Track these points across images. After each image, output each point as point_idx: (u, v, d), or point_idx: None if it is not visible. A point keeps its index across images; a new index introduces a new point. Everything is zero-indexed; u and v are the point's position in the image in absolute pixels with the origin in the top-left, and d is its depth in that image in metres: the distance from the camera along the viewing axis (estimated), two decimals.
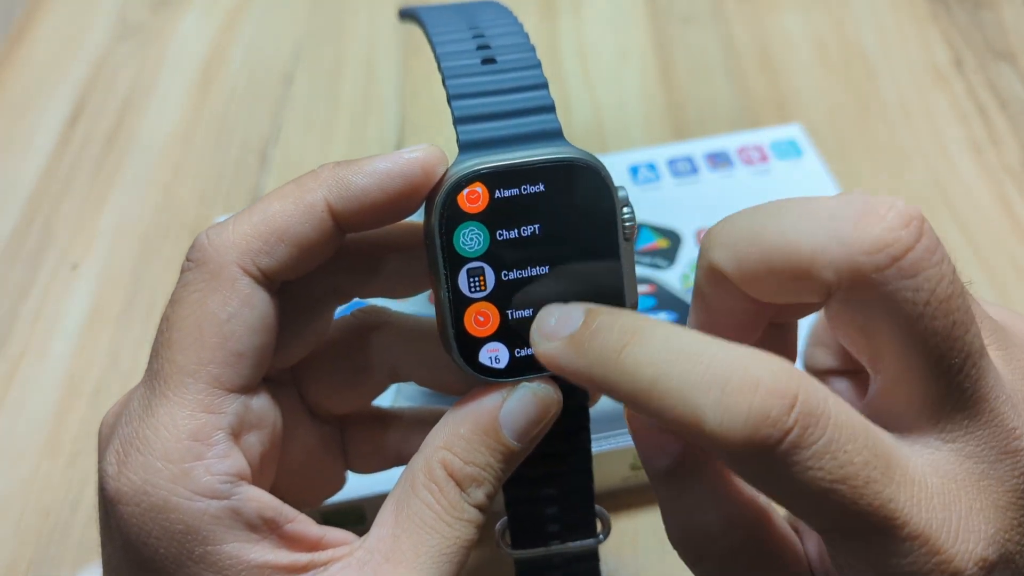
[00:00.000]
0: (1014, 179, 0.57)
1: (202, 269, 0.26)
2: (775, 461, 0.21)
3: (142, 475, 0.25)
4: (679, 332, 0.23)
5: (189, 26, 0.72)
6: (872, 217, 0.23)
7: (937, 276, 0.22)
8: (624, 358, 0.23)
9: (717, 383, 0.22)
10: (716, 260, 0.25)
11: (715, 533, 0.25)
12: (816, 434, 0.21)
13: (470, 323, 0.27)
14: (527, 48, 0.28)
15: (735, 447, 0.21)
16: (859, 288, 0.23)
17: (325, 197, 0.26)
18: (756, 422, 0.21)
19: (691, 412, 0.22)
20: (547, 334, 0.25)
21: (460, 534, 0.26)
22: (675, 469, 0.26)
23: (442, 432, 0.27)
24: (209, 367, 0.26)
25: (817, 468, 0.21)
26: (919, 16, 0.69)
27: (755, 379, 0.21)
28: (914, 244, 0.22)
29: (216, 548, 0.25)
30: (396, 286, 0.30)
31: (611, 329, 0.24)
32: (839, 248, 0.23)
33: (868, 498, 0.21)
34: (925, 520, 0.22)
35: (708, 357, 0.22)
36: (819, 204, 0.24)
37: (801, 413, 0.21)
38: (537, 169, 0.26)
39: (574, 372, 0.24)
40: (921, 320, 0.22)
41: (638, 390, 0.23)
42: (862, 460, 0.22)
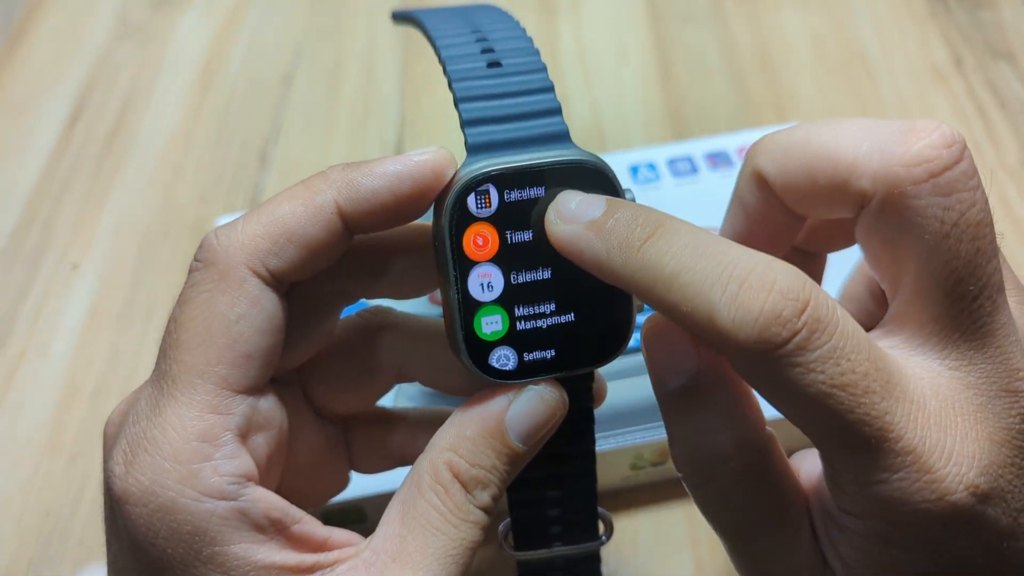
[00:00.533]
0: (1014, 179, 0.57)
1: (211, 270, 0.26)
2: (780, 361, 0.22)
3: (150, 476, 0.25)
4: (701, 232, 0.24)
5: (189, 26, 0.72)
6: (916, 133, 0.23)
7: (970, 200, 0.23)
8: (647, 248, 0.24)
9: (735, 280, 0.22)
10: (761, 166, 0.26)
11: (725, 454, 0.25)
12: (822, 339, 0.22)
13: (479, 325, 0.27)
14: (532, 51, 0.28)
15: (744, 344, 0.22)
16: (892, 200, 0.23)
17: (335, 199, 0.26)
18: (767, 320, 0.22)
19: (706, 306, 0.22)
20: (566, 216, 0.25)
21: (466, 536, 0.26)
22: (689, 388, 0.26)
23: (448, 434, 0.27)
24: (217, 368, 0.26)
25: (819, 371, 0.22)
26: (919, 16, 0.69)
27: (771, 280, 0.22)
28: (952, 164, 0.23)
29: (224, 549, 0.25)
30: (402, 287, 0.30)
31: (634, 220, 0.24)
32: (879, 159, 0.23)
33: (865, 407, 0.22)
34: (919, 437, 0.22)
35: (729, 256, 0.23)
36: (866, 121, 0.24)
37: (810, 317, 0.22)
38: (546, 171, 0.26)
39: (592, 258, 0.25)
40: (947, 240, 0.23)
41: (657, 281, 0.23)
42: (863, 371, 0.22)
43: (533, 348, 0.27)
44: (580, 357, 0.28)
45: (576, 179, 0.26)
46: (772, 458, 0.26)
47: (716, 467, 0.26)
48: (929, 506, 0.22)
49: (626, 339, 0.28)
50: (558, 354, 0.27)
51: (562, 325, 0.27)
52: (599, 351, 0.28)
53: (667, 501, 0.44)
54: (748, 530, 0.26)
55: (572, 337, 0.27)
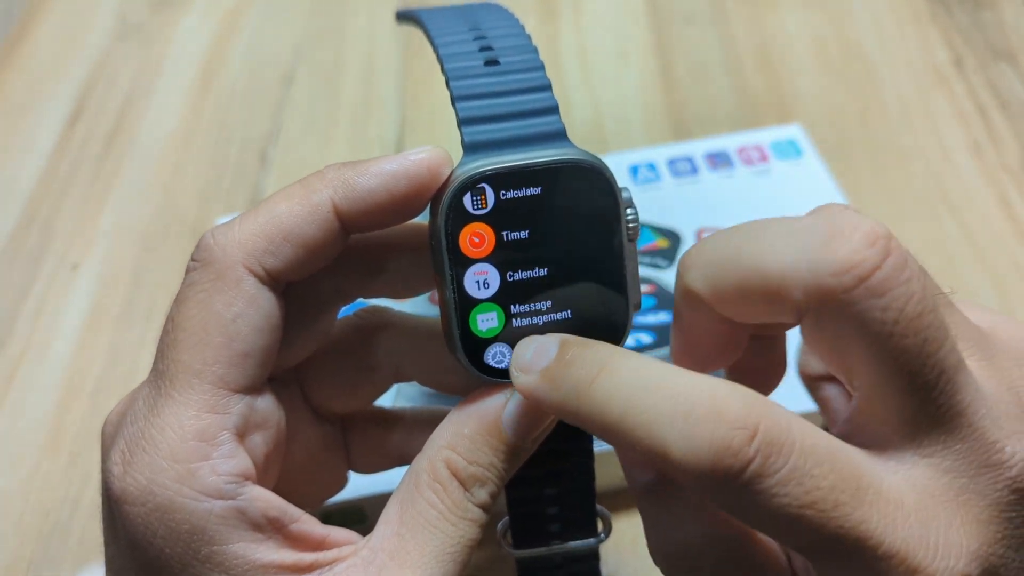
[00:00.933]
0: (1014, 179, 0.57)
1: (208, 269, 0.26)
2: (740, 490, 0.22)
3: (148, 475, 0.25)
4: (647, 363, 0.24)
5: (189, 26, 0.72)
6: (838, 238, 0.23)
7: (906, 295, 0.22)
8: (594, 391, 0.24)
9: (681, 414, 0.22)
10: (691, 283, 0.26)
11: (697, 548, 0.25)
12: (779, 463, 0.21)
13: (475, 324, 0.27)
14: (530, 50, 0.28)
15: (700, 477, 0.22)
16: (829, 309, 0.23)
17: (331, 198, 0.26)
18: (718, 452, 0.21)
19: (658, 443, 0.22)
20: (523, 367, 0.26)
21: (464, 533, 0.26)
22: (657, 484, 0.26)
23: (446, 432, 0.27)
24: (214, 367, 0.26)
25: (783, 495, 0.21)
26: (919, 16, 0.69)
27: (717, 410, 0.22)
28: (880, 263, 0.22)
29: (221, 548, 0.25)
30: (399, 287, 0.31)
31: (582, 362, 0.24)
32: (807, 270, 0.23)
33: (838, 520, 0.22)
34: (901, 538, 0.22)
35: (673, 388, 0.23)
36: (789, 225, 0.24)
37: (763, 442, 0.21)
38: (542, 170, 0.26)
39: (550, 406, 0.25)
40: (891, 339, 0.22)
41: (608, 423, 0.23)
42: (828, 484, 0.22)
43: None
44: None
45: (572, 179, 0.26)
46: (749, 547, 0.26)
47: (690, 560, 0.26)
48: None
49: (622, 337, 0.28)
50: None
51: (558, 323, 0.27)
52: None
53: None
54: None
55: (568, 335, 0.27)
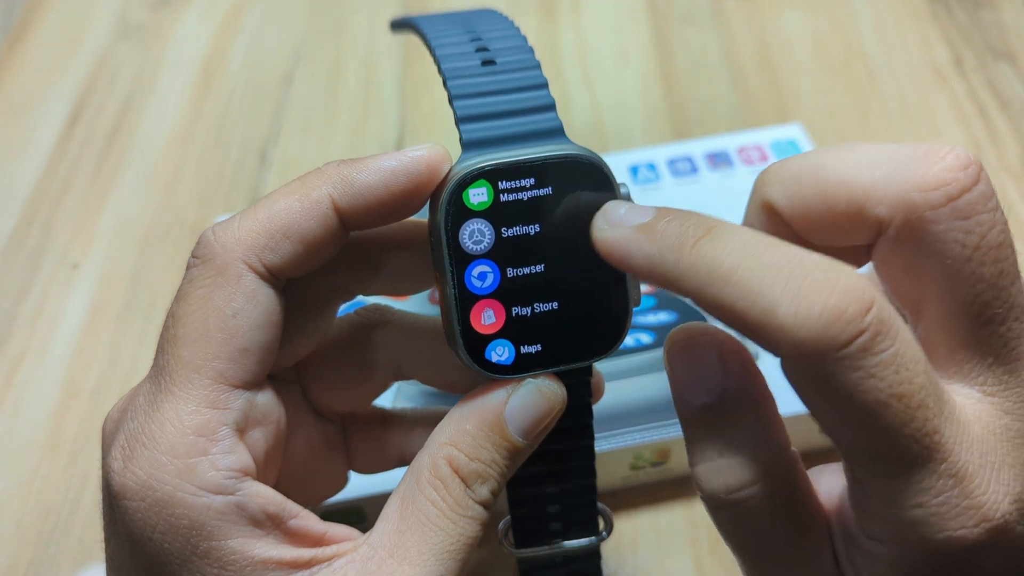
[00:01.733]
0: (1014, 179, 0.57)
1: (208, 265, 0.26)
2: (841, 363, 0.21)
3: (147, 470, 0.25)
4: (758, 232, 0.23)
5: (189, 26, 0.72)
6: (931, 157, 0.23)
7: (990, 222, 0.22)
8: (702, 245, 0.23)
9: (797, 276, 0.21)
10: (771, 196, 0.25)
11: (750, 477, 0.25)
12: (886, 343, 0.21)
13: (476, 320, 0.27)
14: (526, 50, 0.28)
15: (805, 342, 0.21)
16: (911, 226, 0.23)
17: (330, 194, 0.26)
18: (831, 317, 0.21)
19: (765, 302, 0.21)
20: (614, 221, 0.25)
21: (465, 531, 0.26)
22: (715, 407, 0.25)
23: (447, 428, 0.27)
24: (214, 363, 0.26)
25: (879, 377, 0.21)
26: (919, 16, 0.69)
27: (835, 278, 0.21)
28: (970, 187, 0.22)
29: (221, 543, 0.25)
30: (399, 284, 0.31)
31: (687, 220, 0.24)
32: (895, 184, 0.23)
33: (919, 422, 0.21)
34: (964, 461, 0.22)
35: (790, 253, 0.22)
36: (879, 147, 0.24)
37: (875, 319, 0.21)
38: (540, 165, 0.26)
39: (643, 259, 0.24)
40: (969, 264, 0.22)
41: (713, 277, 0.22)
42: (920, 382, 0.21)
43: (530, 342, 0.27)
44: (577, 351, 0.28)
45: (570, 173, 0.26)
46: (796, 481, 0.25)
47: (740, 491, 0.25)
48: (965, 533, 0.22)
49: (623, 333, 0.28)
50: (555, 348, 0.27)
51: (559, 319, 0.27)
52: (596, 345, 0.28)
53: (667, 501, 0.44)
54: (769, 554, 0.25)
55: (569, 331, 0.27)
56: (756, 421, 0.25)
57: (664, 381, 0.27)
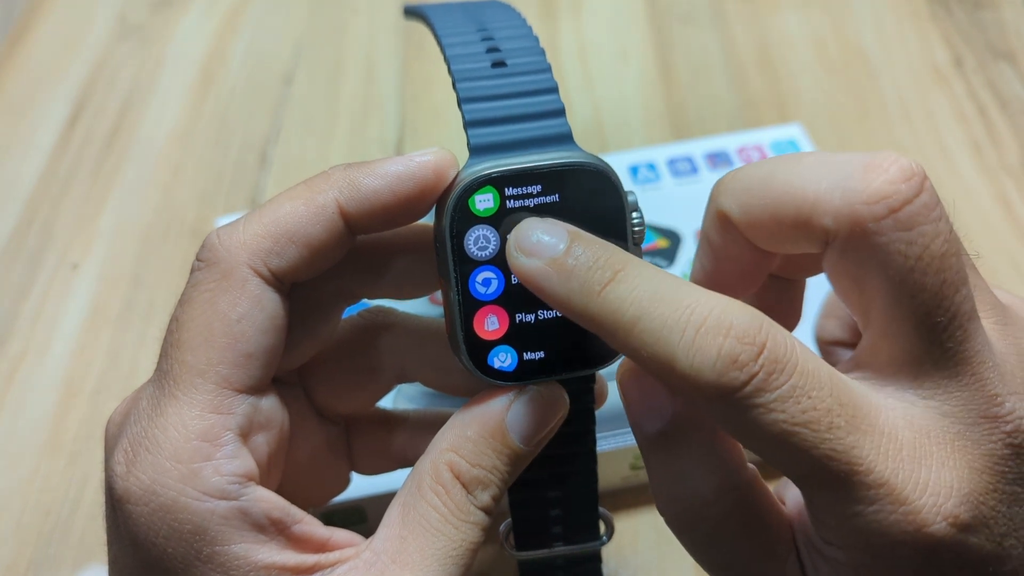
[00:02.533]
0: (1014, 179, 0.57)
1: (212, 269, 0.26)
2: (741, 403, 0.22)
3: (151, 475, 0.25)
4: (662, 275, 0.24)
5: (189, 26, 0.72)
6: (875, 170, 0.23)
7: (932, 232, 0.23)
8: (607, 293, 0.23)
9: (692, 325, 0.22)
10: (724, 205, 0.26)
11: (707, 498, 0.25)
12: (781, 379, 0.22)
13: (479, 326, 0.27)
14: (537, 51, 0.28)
15: (704, 388, 0.22)
16: (855, 237, 0.23)
17: (336, 199, 0.26)
18: (724, 365, 0.22)
19: (665, 352, 0.22)
20: (527, 249, 0.25)
21: (466, 536, 0.26)
22: (667, 433, 0.26)
23: (449, 434, 0.27)
24: (218, 367, 0.26)
25: (780, 411, 0.22)
26: (919, 16, 0.69)
27: (727, 324, 0.22)
28: (912, 198, 0.23)
29: (224, 548, 0.25)
30: (404, 288, 0.30)
31: (595, 261, 0.24)
32: (840, 196, 0.23)
33: (830, 443, 0.22)
34: (891, 470, 0.22)
35: (687, 300, 0.23)
36: (827, 157, 0.24)
37: (767, 359, 0.22)
38: (547, 173, 0.26)
39: (553, 297, 0.24)
40: (912, 274, 0.23)
41: (618, 326, 0.23)
42: (825, 406, 0.22)
43: (533, 349, 0.27)
44: (581, 359, 0.28)
45: (578, 181, 0.26)
46: (755, 497, 0.26)
47: (698, 511, 0.26)
48: (907, 537, 0.22)
49: None
50: (558, 355, 0.27)
51: (563, 327, 0.27)
52: (600, 353, 0.28)
53: None
54: (737, 570, 0.26)
55: (573, 339, 0.27)
56: (706, 443, 0.26)
57: None
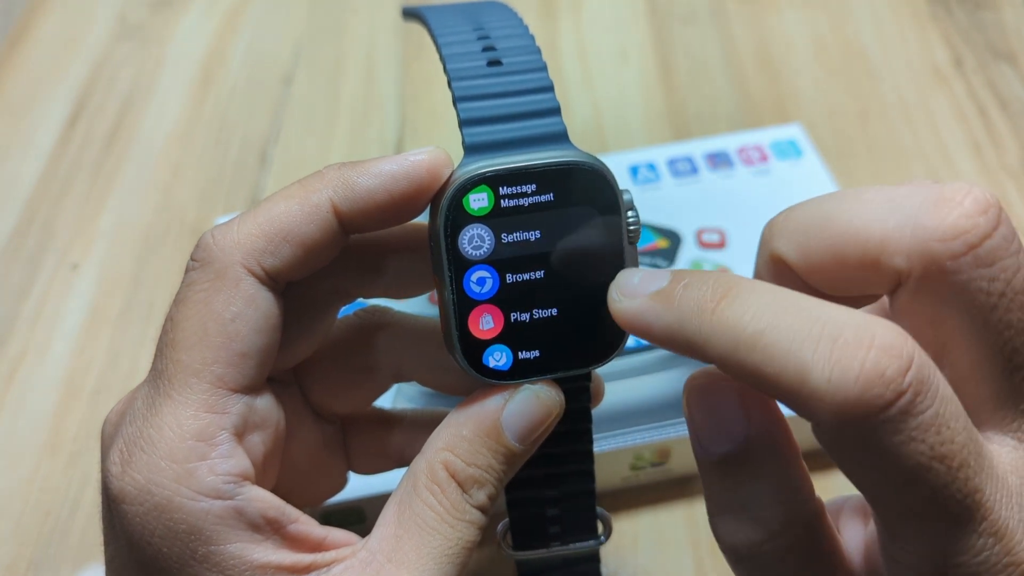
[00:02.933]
0: (1014, 179, 0.57)
1: (207, 269, 0.26)
2: (881, 427, 0.20)
3: (146, 475, 0.25)
4: (781, 289, 0.22)
5: (189, 26, 0.72)
6: (948, 203, 0.22)
7: (1015, 266, 0.21)
8: (723, 309, 0.22)
9: (828, 336, 0.20)
10: (780, 249, 0.24)
11: (772, 530, 0.24)
12: (926, 403, 0.20)
13: (474, 325, 0.27)
14: (533, 50, 0.28)
15: (841, 407, 0.20)
16: (931, 276, 0.22)
17: (330, 198, 0.26)
18: (869, 380, 0.20)
19: (795, 367, 0.20)
20: (629, 292, 0.24)
21: (462, 535, 0.26)
22: (736, 456, 0.24)
23: (444, 433, 0.27)
24: (213, 367, 0.26)
25: (920, 440, 0.20)
26: (919, 16, 0.69)
27: (870, 336, 0.20)
28: (991, 232, 0.21)
29: (219, 548, 0.25)
30: (399, 287, 0.30)
31: (704, 283, 0.23)
32: (912, 234, 0.22)
33: (960, 482, 0.20)
34: (1005, 517, 0.21)
35: (818, 311, 0.21)
36: (889, 191, 0.23)
37: (915, 378, 0.20)
38: (542, 172, 0.26)
39: (663, 329, 0.23)
40: (995, 311, 0.21)
41: (738, 343, 0.21)
42: (962, 441, 0.20)
43: (528, 348, 0.27)
44: (575, 358, 0.28)
45: (573, 180, 0.26)
46: (820, 531, 0.24)
47: (762, 542, 0.24)
48: None
49: (622, 341, 0.28)
50: (553, 354, 0.27)
51: (558, 325, 0.27)
52: (595, 352, 0.28)
53: (667, 502, 0.44)
54: None
55: (567, 338, 0.27)
56: (779, 471, 0.24)
57: (665, 381, 0.26)
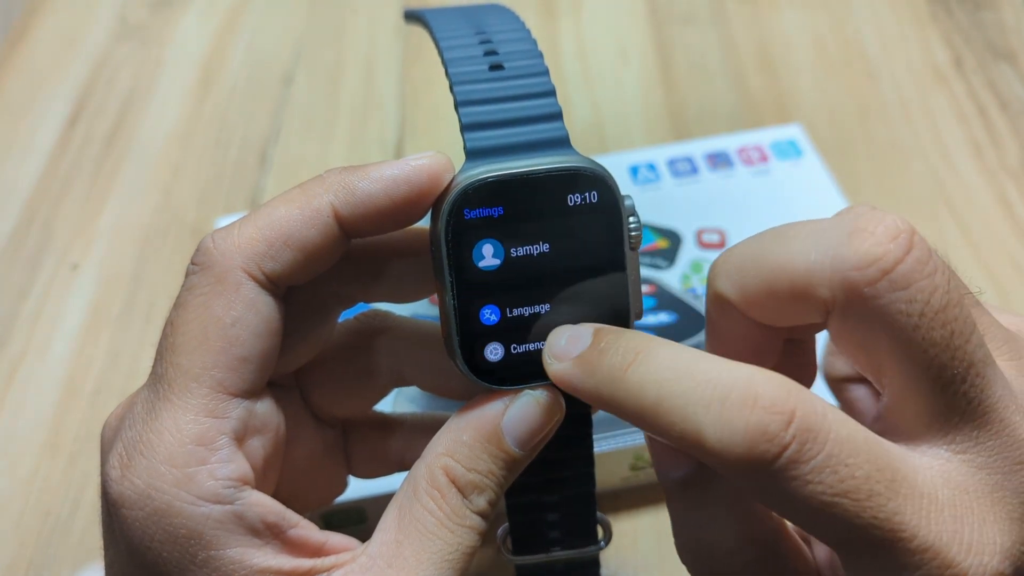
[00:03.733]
0: (1014, 179, 0.57)
1: (207, 273, 0.26)
2: (774, 476, 0.21)
3: (145, 479, 0.25)
4: (682, 351, 0.24)
5: (189, 26, 0.72)
6: (861, 233, 0.23)
7: (930, 287, 0.22)
8: (629, 376, 0.23)
9: (717, 399, 0.22)
10: (720, 288, 0.26)
11: (729, 548, 0.25)
12: (815, 449, 0.21)
13: (475, 330, 0.27)
14: (535, 54, 0.28)
15: (734, 462, 0.22)
16: (854, 304, 0.23)
17: (331, 202, 0.26)
18: (754, 437, 0.21)
19: (692, 428, 0.22)
20: (557, 355, 0.26)
21: (462, 540, 0.26)
22: (691, 479, 0.26)
23: (444, 438, 0.27)
24: (213, 371, 0.25)
25: (817, 482, 0.21)
26: (919, 16, 0.69)
27: (753, 395, 0.22)
28: (903, 257, 0.22)
29: (219, 553, 0.25)
30: (400, 291, 0.30)
31: (616, 349, 0.24)
32: (831, 265, 0.23)
33: (872, 511, 0.21)
34: (935, 532, 0.22)
35: (709, 374, 0.22)
36: (813, 226, 0.24)
37: (799, 429, 0.21)
38: (544, 178, 0.26)
39: (584, 391, 0.25)
40: (917, 331, 0.22)
41: (643, 408, 0.23)
42: (863, 474, 0.21)
43: (529, 353, 0.27)
44: None
45: (574, 186, 0.26)
46: (781, 548, 0.25)
47: (720, 560, 0.25)
48: None
49: None
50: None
51: None
52: None
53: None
54: None
55: None
56: (733, 492, 0.25)
57: None
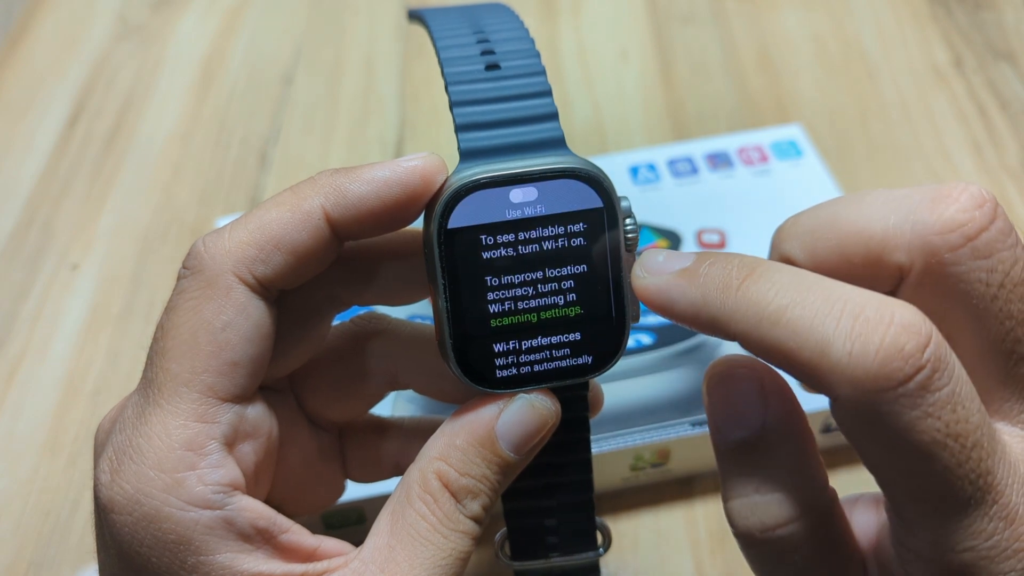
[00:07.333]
0: (1014, 179, 0.57)
1: (197, 277, 0.26)
2: (897, 402, 0.20)
3: (135, 484, 0.24)
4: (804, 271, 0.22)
5: (189, 26, 0.72)
6: (945, 199, 0.22)
7: (1012, 258, 0.22)
8: (747, 286, 0.22)
9: (850, 313, 0.21)
10: (790, 251, 0.25)
11: (787, 516, 0.24)
12: (943, 380, 0.20)
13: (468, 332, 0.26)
14: (531, 54, 0.28)
15: (861, 380, 0.20)
16: (932, 270, 0.22)
17: (322, 205, 0.26)
18: (889, 354, 0.20)
19: (817, 341, 0.21)
20: (653, 269, 0.25)
21: (455, 545, 0.26)
22: (751, 442, 0.25)
23: (438, 443, 0.27)
24: (203, 376, 0.25)
25: (936, 417, 0.20)
26: (919, 16, 0.69)
27: (890, 313, 0.21)
28: (988, 225, 0.22)
29: (208, 558, 0.24)
30: (394, 294, 0.30)
31: (729, 263, 0.23)
32: (911, 230, 0.22)
33: (974, 462, 0.21)
34: (1016, 502, 0.21)
35: (841, 290, 0.21)
36: (891, 192, 0.24)
37: (934, 355, 0.20)
38: (538, 179, 0.26)
39: (686, 305, 0.24)
40: (996, 302, 0.22)
41: (760, 319, 0.22)
42: (976, 421, 0.21)
43: (524, 356, 0.27)
44: (572, 367, 0.27)
45: (569, 187, 0.26)
46: (834, 520, 0.25)
47: (776, 529, 0.24)
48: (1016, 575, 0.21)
49: (619, 350, 0.27)
50: (549, 363, 0.27)
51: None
52: (591, 362, 0.27)
53: (667, 502, 0.44)
54: None
55: (564, 346, 0.27)
56: (795, 457, 0.24)
57: (665, 381, 0.26)
